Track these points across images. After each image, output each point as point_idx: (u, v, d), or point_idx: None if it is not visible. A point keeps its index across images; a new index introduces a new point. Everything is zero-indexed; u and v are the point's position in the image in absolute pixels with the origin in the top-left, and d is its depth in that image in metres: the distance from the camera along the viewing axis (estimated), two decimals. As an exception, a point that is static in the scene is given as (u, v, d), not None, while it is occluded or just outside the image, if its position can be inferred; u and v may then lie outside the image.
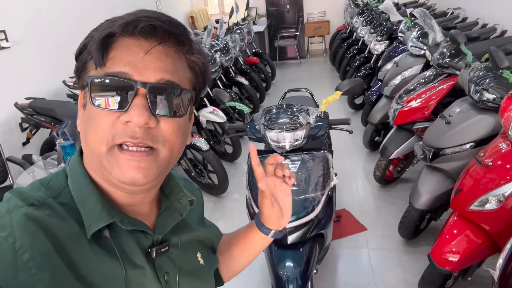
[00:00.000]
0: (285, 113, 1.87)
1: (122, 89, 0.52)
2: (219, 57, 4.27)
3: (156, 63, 0.54)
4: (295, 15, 7.81)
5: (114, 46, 0.53)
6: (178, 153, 0.59)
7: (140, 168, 0.53)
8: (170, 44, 0.56)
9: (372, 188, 3.18)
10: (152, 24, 0.52)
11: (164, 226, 0.64)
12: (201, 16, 8.25)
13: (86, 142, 0.55)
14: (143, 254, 0.60)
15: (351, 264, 2.41)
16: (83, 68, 0.56)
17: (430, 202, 2.14)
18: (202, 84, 0.63)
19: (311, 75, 6.97)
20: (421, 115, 2.68)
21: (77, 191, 0.56)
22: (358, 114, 4.42)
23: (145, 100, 0.52)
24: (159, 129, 0.54)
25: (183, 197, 0.68)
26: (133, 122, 0.51)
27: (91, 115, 0.53)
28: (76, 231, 0.53)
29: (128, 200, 0.60)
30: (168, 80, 0.54)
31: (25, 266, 0.46)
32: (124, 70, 0.52)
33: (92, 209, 0.55)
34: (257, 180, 0.72)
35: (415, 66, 3.26)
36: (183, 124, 0.59)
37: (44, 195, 0.54)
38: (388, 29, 4.33)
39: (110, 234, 0.55)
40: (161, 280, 0.62)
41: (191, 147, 3.07)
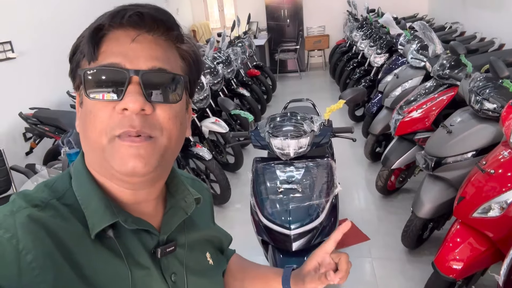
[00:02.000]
0: (289, 121, 1.90)
1: (115, 79, 0.53)
2: (221, 69, 4.32)
3: (146, 51, 0.54)
4: (295, 29, 7.92)
5: (104, 40, 0.54)
6: (176, 142, 0.58)
7: (140, 157, 0.52)
8: (159, 32, 0.56)
9: (374, 198, 3.19)
10: (139, 12, 0.53)
11: (169, 225, 0.63)
12: (203, 30, 8.36)
13: (86, 138, 0.55)
14: (148, 254, 0.59)
15: (355, 273, 2.39)
16: (76, 67, 0.56)
17: (433, 211, 2.15)
18: (195, 73, 0.63)
19: (311, 87, 7.03)
20: (422, 126, 2.71)
21: (81, 192, 0.56)
22: (359, 125, 4.45)
23: (139, 87, 0.52)
24: (155, 116, 0.54)
25: (188, 195, 0.67)
26: (129, 109, 0.51)
27: (88, 109, 0.54)
28: (80, 231, 0.53)
29: (132, 198, 0.59)
30: (160, 67, 0.55)
31: (29, 267, 0.46)
32: (115, 60, 0.53)
33: (96, 209, 0.55)
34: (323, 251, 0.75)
35: (415, 78, 3.31)
36: (179, 112, 0.58)
37: (49, 196, 0.54)
38: (388, 42, 4.40)
39: (114, 234, 0.55)
40: (167, 280, 0.61)
41: (194, 156, 3.10)
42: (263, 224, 1.77)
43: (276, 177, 1.83)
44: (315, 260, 0.76)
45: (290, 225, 1.67)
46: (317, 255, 0.76)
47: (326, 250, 0.75)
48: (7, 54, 3.19)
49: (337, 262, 0.74)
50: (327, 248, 0.75)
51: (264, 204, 1.77)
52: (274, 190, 1.78)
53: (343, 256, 0.75)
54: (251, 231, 1.92)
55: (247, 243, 2.65)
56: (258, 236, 1.87)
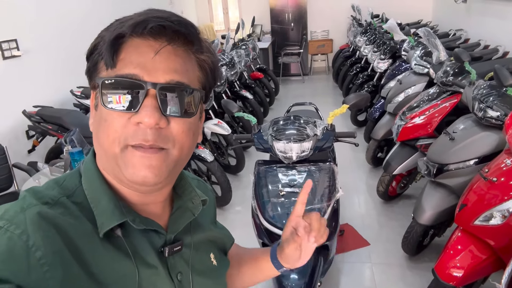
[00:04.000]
0: (292, 124, 1.90)
1: (132, 90, 0.53)
2: (225, 71, 4.33)
3: (165, 63, 0.54)
4: (299, 33, 7.93)
5: (124, 46, 0.54)
6: (187, 152, 0.59)
7: (151, 167, 0.53)
8: (180, 43, 0.56)
9: (374, 204, 3.18)
10: (161, 25, 0.52)
11: (177, 225, 0.64)
12: (207, 32, 8.38)
13: (98, 143, 0.56)
14: (155, 253, 0.60)
15: (354, 278, 2.40)
16: (94, 68, 0.56)
17: (434, 218, 2.15)
18: (212, 82, 0.63)
19: (314, 91, 7.04)
20: (424, 132, 2.71)
21: (91, 191, 0.57)
22: (361, 130, 4.45)
23: (155, 101, 0.53)
24: (169, 129, 0.54)
25: (195, 197, 0.68)
26: (144, 123, 0.52)
27: (102, 116, 0.54)
28: (88, 229, 0.53)
29: (140, 200, 0.60)
30: (178, 81, 0.55)
31: (38, 263, 0.46)
32: (134, 72, 0.53)
33: (105, 209, 0.55)
34: (294, 215, 0.77)
35: (418, 84, 3.32)
36: (194, 123, 0.59)
37: (58, 194, 0.55)
38: (392, 48, 4.41)
39: (123, 233, 0.56)
40: (174, 279, 0.62)
41: (195, 157, 3.10)
42: (264, 227, 1.77)
43: (278, 180, 1.84)
44: (289, 226, 0.79)
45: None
46: (290, 220, 0.79)
47: (296, 213, 0.78)
48: (12, 52, 3.21)
49: (310, 223, 0.77)
50: (297, 211, 0.78)
51: (265, 207, 1.77)
52: (276, 193, 1.79)
53: (313, 215, 0.78)
54: (252, 233, 1.92)
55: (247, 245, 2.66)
56: (258, 239, 1.87)
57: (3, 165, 2.67)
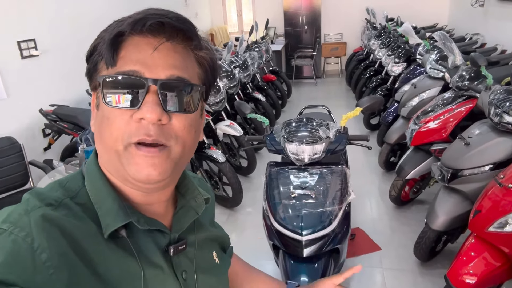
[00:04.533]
0: (305, 127, 1.90)
1: (133, 87, 0.53)
2: (238, 73, 4.35)
3: (165, 59, 0.55)
4: (313, 36, 7.92)
5: (124, 45, 0.54)
6: (190, 149, 0.59)
7: (154, 165, 0.53)
8: (179, 40, 0.56)
9: (386, 208, 3.15)
10: (160, 21, 0.53)
11: (180, 224, 0.65)
12: (221, 34, 8.42)
13: (101, 142, 0.56)
14: (160, 252, 0.60)
15: (365, 283, 2.38)
16: (94, 69, 0.57)
17: (447, 223, 2.12)
18: (211, 79, 0.64)
19: (327, 94, 7.01)
20: (438, 137, 2.68)
21: (94, 192, 0.57)
22: (373, 134, 4.42)
23: (156, 97, 0.53)
24: (171, 125, 0.55)
25: (198, 195, 0.69)
26: (146, 119, 0.52)
27: (105, 115, 0.54)
28: (93, 230, 0.54)
29: (144, 199, 0.60)
30: (178, 76, 0.55)
31: (43, 266, 0.46)
32: (134, 68, 0.53)
33: (109, 209, 0.55)
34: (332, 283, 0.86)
35: (433, 88, 3.28)
36: (195, 120, 0.59)
37: (62, 195, 0.55)
38: (406, 52, 4.37)
39: (127, 233, 0.56)
40: (179, 278, 0.62)
41: (207, 158, 3.11)
42: (274, 228, 1.77)
43: (289, 182, 1.84)
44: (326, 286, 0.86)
45: (302, 231, 1.66)
46: (326, 284, 0.86)
47: (334, 282, 0.86)
48: (30, 51, 3.27)
49: None
50: (336, 280, 0.86)
51: (276, 208, 1.77)
52: (287, 195, 1.79)
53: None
54: (262, 235, 1.92)
55: (257, 247, 2.66)
56: (269, 240, 1.87)
57: (19, 162, 2.73)
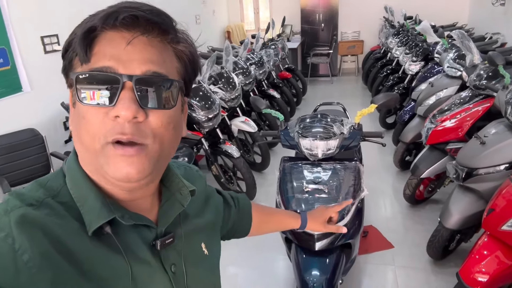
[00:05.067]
0: (319, 122, 1.92)
1: (108, 84, 0.51)
2: (254, 70, 4.39)
3: (140, 54, 0.53)
4: (329, 34, 7.89)
5: (97, 40, 0.52)
6: (169, 146, 0.58)
7: (133, 164, 0.52)
8: (154, 34, 0.54)
9: (400, 207, 3.15)
10: (133, 15, 0.51)
11: (166, 218, 0.64)
12: (237, 31, 8.47)
13: (79, 140, 0.54)
14: (147, 247, 0.60)
15: (377, 280, 2.39)
16: (69, 66, 0.55)
17: (461, 222, 2.12)
18: (192, 73, 0.62)
19: (343, 93, 6.99)
20: (455, 136, 2.66)
21: (76, 190, 0.56)
22: (389, 133, 4.40)
23: (132, 93, 0.51)
24: (147, 123, 0.53)
25: (183, 188, 0.67)
26: (121, 117, 0.50)
27: (80, 113, 0.53)
28: (76, 228, 0.53)
29: (127, 196, 0.59)
30: (155, 71, 0.53)
31: (25, 266, 0.46)
32: (108, 64, 0.51)
33: (92, 207, 0.54)
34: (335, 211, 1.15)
35: (450, 87, 3.25)
36: (173, 116, 0.57)
37: (43, 195, 0.54)
38: (424, 50, 4.33)
39: (112, 230, 0.55)
40: (168, 272, 0.62)
41: (222, 153, 3.16)
42: (287, 222, 1.79)
43: (303, 176, 1.86)
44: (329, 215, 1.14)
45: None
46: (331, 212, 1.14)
47: (334, 209, 1.15)
48: (53, 46, 3.37)
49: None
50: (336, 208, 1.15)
51: (289, 202, 1.80)
52: (301, 189, 1.81)
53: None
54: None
55: (270, 241, 2.70)
56: (281, 233, 1.90)
57: (42, 154, 2.84)
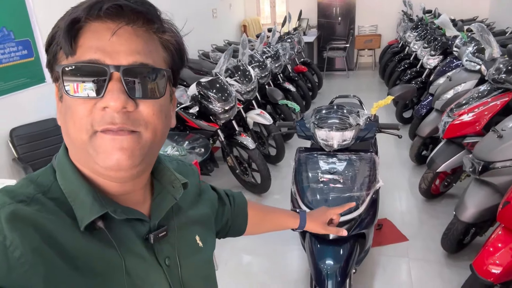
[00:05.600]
0: (335, 113, 1.94)
1: (95, 76, 0.51)
2: (270, 63, 4.40)
3: (126, 45, 0.52)
4: (346, 28, 7.84)
5: (81, 32, 0.51)
6: (161, 135, 0.58)
7: (123, 149, 0.51)
8: (140, 23, 0.54)
9: (416, 201, 3.14)
10: (117, 4, 0.50)
11: (159, 211, 0.64)
12: (253, 25, 8.48)
13: (67, 134, 0.54)
14: (141, 241, 0.60)
15: (390, 271, 2.40)
16: (54, 59, 0.54)
17: (476, 216, 2.11)
18: (179, 62, 0.62)
19: (359, 87, 6.95)
20: (472, 130, 2.64)
21: (67, 185, 0.55)
22: (406, 127, 4.37)
23: (120, 84, 0.51)
24: (139, 112, 0.53)
25: (175, 181, 0.67)
26: (110, 107, 0.50)
27: (68, 106, 0.52)
28: (68, 224, 0.52)
29: (119, 189, 0.58)
30: (142, 62, 0.53)
31: (17, 262, 0.45)
32: (95, 57, 0.51)
33: (83, 202, 0.54)
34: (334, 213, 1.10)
35: (469, 81, 3.21)
36: (164, 105, 0.57)
37: (34, 191, 0.53)
38: (443, 44, 4.28)
39: (105, 225, 0.55)
40: (162, 265, 0.62)
41: (238, 144, 3.20)
42: (302, 211, 1.83)
43: (318, 167, 1.89)
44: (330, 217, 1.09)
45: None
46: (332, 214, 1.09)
47: (335, 211, 1.10)
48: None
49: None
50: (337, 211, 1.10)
51: (305, 192, 1.83)
52: (316, 179, 1.84)
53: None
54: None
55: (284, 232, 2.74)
56: (296, 222, 1.93)
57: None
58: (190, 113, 3.12)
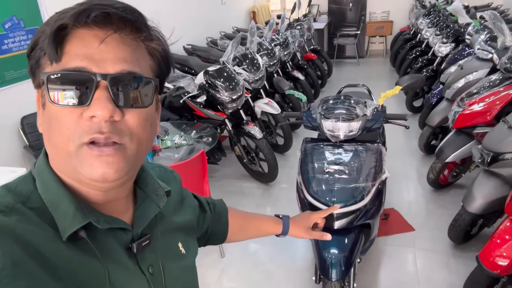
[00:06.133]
0: (342, 104, 1.93)
1: (81, 84, 0.50)
2: (278, 51, 4.37)
3: (114, 53, 0.51)
4: (357, 14, 7.71)
5: (68, 38, 0.50)
6: (146, 145, 0.57)
7: (110, 164, 0.51)
8: (127, 31, 0.53)
9: (424, 191, 3.13)
10: (105, 12, 0.50)
11: (142, 220, 0.63)
12: (263, 12, 8.39)
13: (51, 143, 0.53)
14: (124, 250, 0.59)
15: (396, 261, 2.41)
16: (37, 65, 0.53)
17: (484, 207, 2.10)
18: (165, 70, 0.61)
19: (369, 75, 6.86)
20: (482, 120, 2.60)
21: (47, 194, 0.54)
22: (416, 116, 4.33)
23: (107, 92, 0.50)
24: (124, 122, 0.52)
25: (158, 189, 0.67)
26: (97, 117, 0.49)
27: (52, 114, 0.51)
28: (50, 234, 0.51)
29: (102, 198, 0.57)
30: (130, 71, 0.52)
31: None
32: (81, 64, 0.50)
33: (65, 212, 0.53)
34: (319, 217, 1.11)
35: (480, 70, 3.15)
36: (150, 114, 0.57)
37: (13, 200, 0.51)
38: (455, 32, 4.19)
39: (87, 234, 0.53)
40: (145, 273, 0.61)
41: (245, 134, 3.21)
42: (307, 201, 1.83)
43: (324, 157, 1.88)
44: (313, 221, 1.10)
45: (333, 204, 1.72)
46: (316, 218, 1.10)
47: (320, 215, 1.11)
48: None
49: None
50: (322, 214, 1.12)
51: (310, 182, 1.83)
52: (321, 170, 1.84)
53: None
54: (295, 209, 2.00)
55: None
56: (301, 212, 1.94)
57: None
58: (198, 102, 3.13)
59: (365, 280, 2.25)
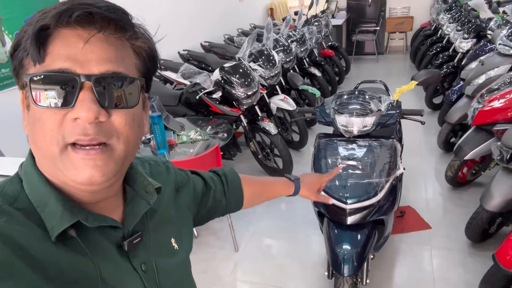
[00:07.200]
0: (356, 99, 1.91)
1: (65, 85, 0.49)
2: (295, 47, 4.35)
3: (98, 53, 0.50)
4: (377, 10, 7.59)
5: (51, 39, 0.49)
6: (134, 145, 0.56)
7: (96, 167, 0.50)
8: (111, 30, 0.52)
9: (441, 189, 3.07)
10: (88, 11, 0.49)
11: (133, 217, 0.62)
12: (281, 8, 8.36)
13: (36, 145, 0.52)
14: (115, 248, 0.58)
15: (411, 259, 2.38)
16: (20, 66, 0.52)
17: (502, 205, 2.05)
18: (152, 69, 0.60)
19: (388, 71, 6.76)
20: (503, 117, 2.53)
21: (35, 195, 0.53)
22: (435, 114, 4.25)
23: (91, 94, 0.49)
24: (111, 122, 0.51)
25: (148, 185, 0.66)
26: (81, 118, 0.48)
27: (36, 116, 0.50)
28: (38, 234, 0.51)
29: (90, 198, 0.56)
30: (114, 71, 0.51)
31: None
32: (65, 66, 0.49)
33: (53, 211, 0.52)
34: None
35: (502, 66, 3.07)
36: (137, 114, 0.56)
37: (0, 202, 0.51)
38: (477, 27, 4.09)
39: (77, 233, 0.53)
40: (138, 271, 0.61)
41: (260, 130, 3.22)
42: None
43: (337, 153, 1.88)
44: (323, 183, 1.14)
45: (346, 200, 1.72)
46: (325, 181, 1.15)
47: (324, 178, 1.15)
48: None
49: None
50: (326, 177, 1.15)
51: (323, 177, 1.83)
52: (335, 165, 1.83)
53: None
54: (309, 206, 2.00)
55: (303, 216, 2.78)
56: (314, 207, 1.94)
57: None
58: (213, 98, 3.15)
59: (379, 277, 2.24)
